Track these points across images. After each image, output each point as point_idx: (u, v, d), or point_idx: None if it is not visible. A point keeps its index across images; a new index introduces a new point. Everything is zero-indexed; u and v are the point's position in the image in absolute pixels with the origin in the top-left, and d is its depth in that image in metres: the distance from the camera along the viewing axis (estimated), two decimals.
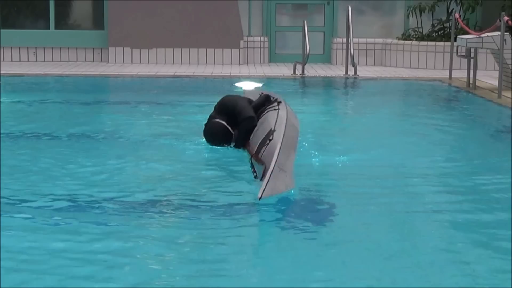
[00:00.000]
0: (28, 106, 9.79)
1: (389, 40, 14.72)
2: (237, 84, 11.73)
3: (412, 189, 5.59)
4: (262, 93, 7.25)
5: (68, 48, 14.88)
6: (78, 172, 5.94)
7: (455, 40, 12.08)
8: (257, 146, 5.78)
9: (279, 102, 6.78)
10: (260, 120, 6.54)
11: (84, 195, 5.23)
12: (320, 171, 6.04)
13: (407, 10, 14.77)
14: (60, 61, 14.83)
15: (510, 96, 9.94)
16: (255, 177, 5.39)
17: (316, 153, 6.50)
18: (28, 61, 14.78)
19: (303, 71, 13.06)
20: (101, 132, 7.59)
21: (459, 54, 11.97)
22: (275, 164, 4.90)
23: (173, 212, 4.91)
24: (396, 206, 5.05)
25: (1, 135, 7.28)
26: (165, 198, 5.16)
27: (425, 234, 4.51)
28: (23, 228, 4.52)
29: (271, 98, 6.99)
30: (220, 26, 14.53)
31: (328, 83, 12.78)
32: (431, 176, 6.01)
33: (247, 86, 11.93)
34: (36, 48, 14.87)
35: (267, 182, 4.70)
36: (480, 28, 13.46)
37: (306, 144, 6.77)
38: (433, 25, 14.60)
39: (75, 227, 4.53)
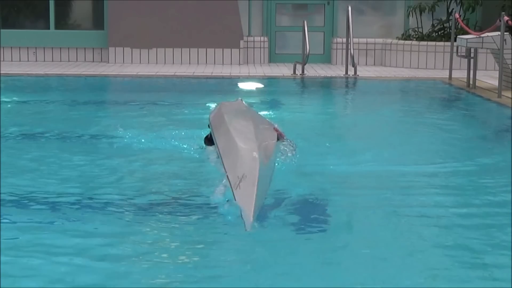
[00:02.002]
0: (28, 106, 9.79)
1: (389, 40, 14.72)
2: (239, 85, 11.76)
3: (412, 191, 5.56)
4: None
5: (68, 48, 14.88)
6: (76, 172, 5.93)
7: (455, 40, 12.08)
8: None
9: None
10: None
11: (82, 196, 5.22)
12: (319, 173, 5.99)
13: (407, 10, 14.77)
14: (60, 61, 14.83)
15: (510, 96, 9.94)
16: None
17: (316, 154, 6.48)
18: (28, 61, 14.78)
19: (303, 71, 13.06)
20: (101, 133, 7.58)
21: (459, 54, 11.97)
22: (233, 192, 4.63)
23: (170, 214, 4.86)
24: (398, 210, 5.00)
25: (1, 135, 7.29)
26: (163, 200, 5.13)
27: (427, 237, 4.48)
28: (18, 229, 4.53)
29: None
30: (220, 26, 14.53)
31: (328, 83, 12.78)
32: (432, 177, 5.99)
33: (248, 86, 11.96)
34: (36, 48, 14.86)
35: (242, 215, 4.33)
36: (480, 28, 13.46)
37: (306, 145, 6.76)
38: (433, 25, 14.60)
39: (73, 228, 4.53)
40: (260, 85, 12.21)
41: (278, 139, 6.24)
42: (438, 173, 6.14)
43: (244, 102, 7.47)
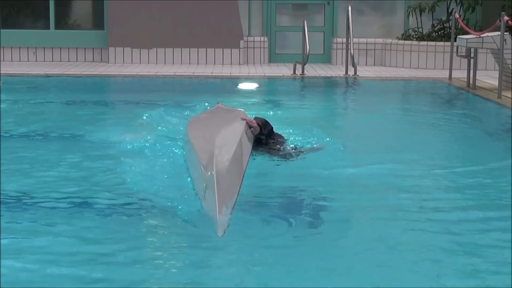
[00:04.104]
0: (28, 106, 9.78)
1: (389, 40, 14.72)
2: (239, 85, 11.74)
3: (413, 192, 5.53)
4: None
5: (68, 48, 14.88)
6: (73, 173, 5.92)
7: (455, 40, 12.08)
8: None
9: None
10: None
11: (78, 196, 5.20)
12: (319, 174, 5.95)
13: (407, 10, 14.77)
14: (60, 61, 14.83)
15: (510, 96, 9.94)
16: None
17: (316, 155, 6.45)
18: (28, 61, 14.78)
19: (303, 71, 13.06)
20: (101, 133, 7.55)
21: (459, 54, 11.97)
22: (202, 204, 4.71)
23: (164, 216, 4.81)
24: (398, 212, 4.99)
25: (1, 135, 7.28)
26: (159, 202, 5.07)
27: (429, 240, 4.47)
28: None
29: None
30: (220, 26, 14.53)
31: (328, 83, 12.77)
32: (431, 178, 5.98)
33: (248, 86, 11.96)
34: (36, 48, 14.87)
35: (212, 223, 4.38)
36: (480, 28, 13.46)
37: (305, 146, 6.74)
38: (433, 25, 14.60)
39: (71, 229, 4.53)
40: (260, 85, 12.21)
41: (251, 127, 6.43)
42: (437, 174, 6.13)
43: (222, 104, 7.48)
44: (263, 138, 6.57)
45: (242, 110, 7.39)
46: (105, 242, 4.30)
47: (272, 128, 6.67)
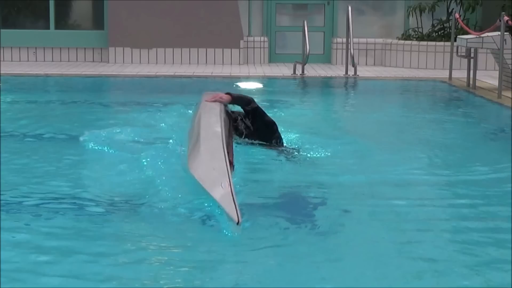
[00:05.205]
0: (28, 106, 9.78)
1: (389, 40, 14.72)
2: (239, 84, 11.74)
3: (412, 194, 5.52)
4: None
5: (68, 48, 14.89)
6: (72, 173, 5.92)
7: (455, 40, 12.09)
8: None
9: None
10: None
11: (74, 198, 5.19)
12: (318, 175, 5.92)
13: (407, 10, 14.78)
14: (60, 61, 14.83)
15: (510, 96, 9.95)
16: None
17: (315, 156, 6.44)
18: (28, 61, 14.78)
19: (303, 71, 13.07)
20: (101, 133, 7.53)
21: (459, 54, 11.98)
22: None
23: (162, 217, 4.77)
24: (400, 215, 4.96)
25: (1, 135, 7.28)
26: (155, 203, 5.03)
27: (430, 243, 4.45)
28: None
29: None
30: (220, 26, 14.53)
31: (328, 83, 12.78)
32: (431, 179, 5.97)
33: (248, 86, 11.96)
34: (36, 48, 14.87)
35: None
36: (480, 28, 13.46)
37: (306, 146, 6.74)
38: (433, 25, 14.61)
39: (65, 229, 4.53)
40: (260, 85, 12.22)
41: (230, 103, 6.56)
42: (437, 175, 6.13)
43: (206, 93, 7.48)
44: (249, 111, 6.52)
45: (209, 91, 7.35)
46: (105, 245, 4.29)
47: (258, 107, 6.62)
